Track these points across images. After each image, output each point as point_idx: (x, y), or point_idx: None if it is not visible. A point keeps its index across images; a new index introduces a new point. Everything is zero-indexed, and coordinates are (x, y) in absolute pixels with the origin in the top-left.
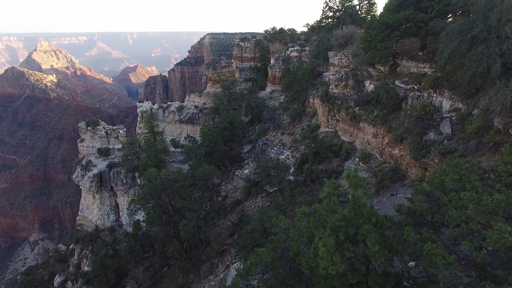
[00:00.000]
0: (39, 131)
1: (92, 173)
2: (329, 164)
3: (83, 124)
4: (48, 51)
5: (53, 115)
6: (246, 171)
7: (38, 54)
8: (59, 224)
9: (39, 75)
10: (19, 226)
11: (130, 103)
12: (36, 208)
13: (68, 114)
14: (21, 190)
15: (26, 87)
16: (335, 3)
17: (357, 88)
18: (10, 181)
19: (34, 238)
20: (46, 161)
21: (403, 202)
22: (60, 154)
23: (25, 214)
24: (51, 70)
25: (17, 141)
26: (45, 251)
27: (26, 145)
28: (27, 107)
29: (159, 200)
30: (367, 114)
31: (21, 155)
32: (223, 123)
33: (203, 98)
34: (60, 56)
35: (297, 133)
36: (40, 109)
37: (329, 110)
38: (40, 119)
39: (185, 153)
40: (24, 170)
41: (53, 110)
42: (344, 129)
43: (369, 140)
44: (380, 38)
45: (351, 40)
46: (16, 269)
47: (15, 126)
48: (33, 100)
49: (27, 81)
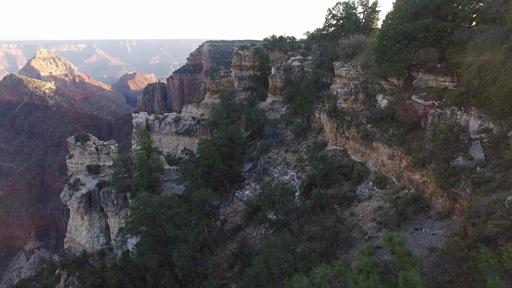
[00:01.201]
0: (37, 138)
1: (80, 193)
2: (340, 188)
3: (71, 139)
4: (47, 58)
5: (51, 122)
6: (247, 192)
7: (37, 61)
8: (55, 232)
9: (38, 82)
10: (15, 234)
11: (128, 110)
12: (32, 216)
13: (66, 121)
14: (18, 198)
15: (24, 94)
16: (339, 10)
17: (368, 102)
18: (7, 189)
19: (30, 247)
20: (43, 168)
21: (430, 239)
22: (57, 161)
23: (21, 223)
24: (50, 77)
25: (14, 148)
26: (41, 260)
27: (24, 152)
28: (25, 114)
29: (150, 228)
30: (381, 133)
31: (18, 163)
32: (222, 139)
33: (201, 109)
34: (59, 64)
35: (302, 150)
36: (38, 116)
37: (337, 126)
38: (38, 126)
39: (181, 172)
40: (21, 178)
41: (51, 117)
42: (355, 148)
43: (384, 162)
44: (397, 49)
45: (359, 50)
46: (10, 279)
47: (13, 134)
48: (31, 107)
49: (26, 88)
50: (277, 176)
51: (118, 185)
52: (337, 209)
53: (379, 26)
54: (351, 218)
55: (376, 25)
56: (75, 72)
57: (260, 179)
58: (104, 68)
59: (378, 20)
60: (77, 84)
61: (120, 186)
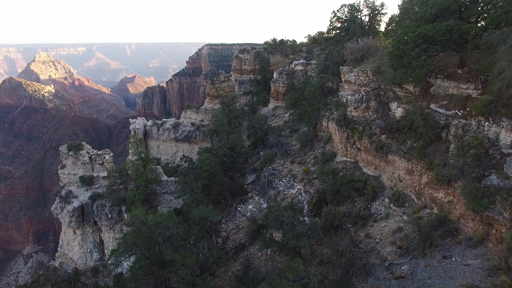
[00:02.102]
0: (36, 141)
1: (72, 206)
2: (352, 205)
3: (64, 148)
4: (47, 61)
5: (50, 126)
6: (250, 206)
7: (36, 64)
8: (54, 236)
9: (37, 86)
10: (13, 238)
11: (128, 114)
12: (31, 220)
13: (65, 124)
14: (16, 201)
15: (23, 98)
16: (344, 13)
17: (381, 111)
18: (5, 193)
19: (28, 251)
20: (42, 172)
21: (463, 271)
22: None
23: (19, 226)
24: (49, 80)
25: (13, 151)
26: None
27: (22, 155)
28: (24, 118)
29: (145, 250)
30: (398, 145)
31: (16, 166)
32: (223, 149)
33: (200, 114)
34: (58, 67)
35: (309, 162)
36: (37, 120)
37: (347, 136)
38: (36, 130)
39: (180, 185)
40: (19, 181)
41: (50, 121)
42: (367, 161)
43: (401, 177)
44: (416, 53)
45: (368, 54)
46: (8, 284)
47: (11, 137)
48: (30, 110)
49: (25, 92)
50: (283, 190)
51: (113, 198)
52: (351, 230)
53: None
54: (368, 241)
55: (379, 29)
56: (74, 75)
57: (264, 192)
58: (103, 71)
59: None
60: (76, 87)
61: (114, 199)
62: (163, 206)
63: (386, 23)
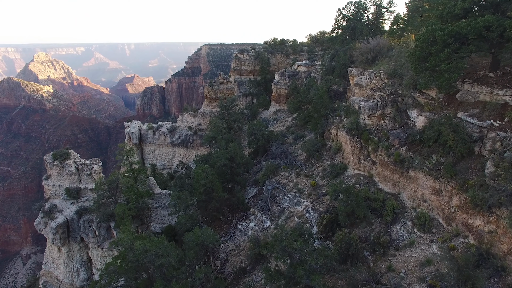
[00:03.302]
0: (34, 142)
1: (56, 222)
2: (369, 228)
3: (49, 157)
4: (45, 61)
5: (48, 126)
6: (251, 224)
7: (35, 64)
8: None
9: (35, 86)
10: (11, 239)
11: (127, 114)
12: (29, 220)
13: (64, 125)
14: (14, 202)
15: (22, 98)
16: (350, 11)
17: (399, 119)
18: (3, 193)
19: (27, 252)
20: (40, 172)
21: None
22: None
23: (17, 227)
24: (47, 80)
25: (12, 152)
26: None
27: (21, 156)
28: (23, 118)
29: (132, 282)
30: (421, 160)
31: (15, 167)
32: (222, 160)
33: (198, 118)
34: (57, 67)
35: (318, 175)
36: (35, 120)
37: (361, 147)
38: (35, 130)
39: (173, 201)
40: (18, 182)
41: (48, 121)
42: (384, 176)
43: (425, 196)
44: (446, 55)
45: (380, 55)
46: (6, 285)
47: (10, 137)
48: (28, 110)
49: (23, 92)
50: (288, 206)
51: (101, 213)
52: (369, 258)
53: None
54: (390, 274)
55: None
56: (73, 75)
57: (267, 208)
58: (102, 71)
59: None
60: (75, 88)
61: (102, 214)
62: (156, 222)
63: (391, 22)
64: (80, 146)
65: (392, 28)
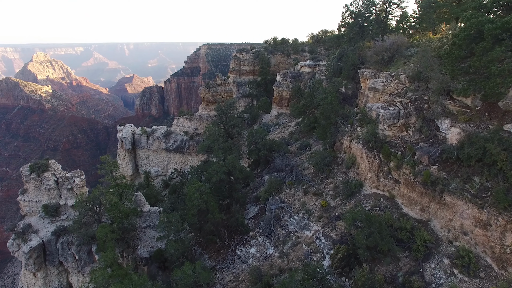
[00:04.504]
0: (33, 142)
1: (29, 246)
2: (395, 264)
3: (25, 169)
4: (44, 61)
5: (47, 126)
6: (252, 250)
7: (33, 64)
8: None
9: (34, 86)
10: None
11: (126, 114)
12: None
13: (63, 125)
14: (13, 203)
15: (20, 98)
16: (358, 6)
17: (426, 131)
18: (2, 194)
19: None
20: None
21: None
22: None
23: None
24: (46, 80)
25: (10, 152)
26: None
27: (19, 156)
28: (21, 118)
29: None
30: (460, 183)
31: (13, 167)
32: (218, 175)
33: (194, 122)
34: (56, 67)
35: (328, 193)
36: (34, 120)
37: (380, 163)
38: (34, 130)
39: (161, 224)
40: (16, 183)
41: (47, 121)
42: (410, 198)
43: (465, 228)
44: (497, 53)
45: (397, 54)
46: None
47: (8, 138)
48: (27, 111)
49: (22, 92)
50: (295, 230)
51: (81, 234)
52: None
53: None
54: None
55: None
56: (72, 75)
57: (270, 232)
58: (101, 71)
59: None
60: (74, 88)
61: (83, 236)
62: (144, 246)
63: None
64: (79, 147)
65: (398, 26)
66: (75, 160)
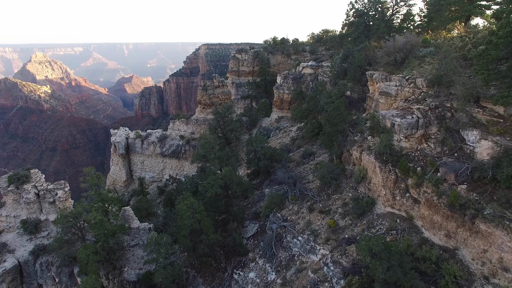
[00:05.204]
0: (32, 142)
1: (2, 268)
2: None
3: (3, 180)
4: (43, 62)
5: (46, 127)
6: (251, 274)
7: (32, 65)
8: None
9: (33, 86)
10: None
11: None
12: None
13: (62, 125)
14: None
15: (19, 98)
16: (364, 4)
17: (450, 143)
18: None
19: None
20: None
21: None
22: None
23: None
24: (45, 81)
25: (9, 153)
26: None
27: (18, 157)
28: (20, 119)
29: None
30: (498, 208)
31: (12, 167)
32: (214, 189)
33: (190, 126)
34: (55, 67)
35: (336, 211)
36: (33, 121)
37: (396, 179)
38: (32, 131)
39: (149, 246)
40: None
41: (46, 122)
42: (433, 221)
43: (506, 263)
44: None
45: (411, 55)
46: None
47: (7, 138)
48: (26, 111)
49: (20, 92)
50: (299, 253)
51: (62, 254)
52: None
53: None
54: None
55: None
56: (71, 75)
57: (271, 254)
58: (100, 71)
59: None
60: (73, 88)
61: (64, 256)
62: (131, 267)
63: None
64: (78, 147)
65: (402, 25)
66: (74, 160)
